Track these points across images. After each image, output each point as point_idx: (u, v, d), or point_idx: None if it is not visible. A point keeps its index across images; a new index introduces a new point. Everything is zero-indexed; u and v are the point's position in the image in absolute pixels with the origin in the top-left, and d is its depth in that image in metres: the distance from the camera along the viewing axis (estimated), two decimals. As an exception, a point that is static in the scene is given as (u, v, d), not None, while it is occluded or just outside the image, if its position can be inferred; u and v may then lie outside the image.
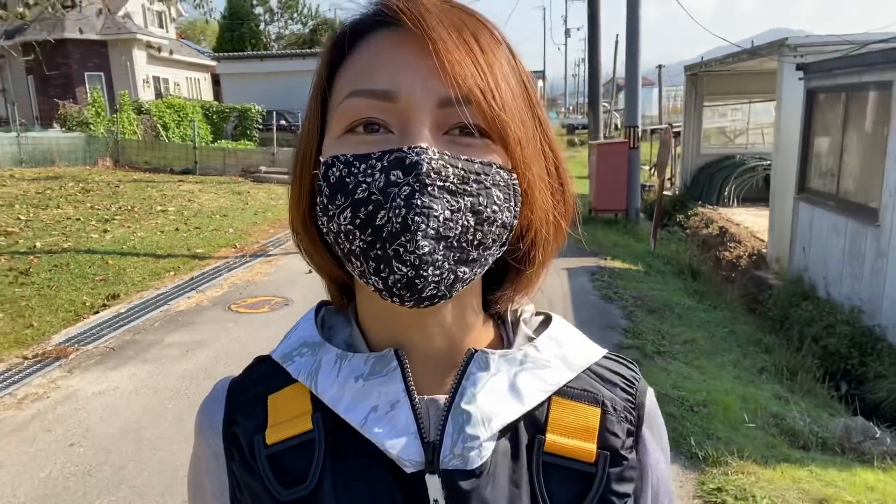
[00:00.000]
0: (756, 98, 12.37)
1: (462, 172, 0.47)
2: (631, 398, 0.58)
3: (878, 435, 3.23)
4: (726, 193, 11.91)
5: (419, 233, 0.45)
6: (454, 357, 0.54)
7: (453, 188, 0.46)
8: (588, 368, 0.57)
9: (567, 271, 6.64)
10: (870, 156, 5.81)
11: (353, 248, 0.48)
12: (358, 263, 0.48)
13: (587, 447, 0.53)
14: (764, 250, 8.41)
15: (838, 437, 3.24)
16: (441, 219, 0.45)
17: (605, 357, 0.59)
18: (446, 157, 0.46)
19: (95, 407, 3.80)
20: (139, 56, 24.18)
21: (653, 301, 5.71)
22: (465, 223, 0.47)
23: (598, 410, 0.55)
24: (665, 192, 14.17)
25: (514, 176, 0.50)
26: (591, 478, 0.53)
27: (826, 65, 6.50)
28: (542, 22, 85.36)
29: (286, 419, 0.54)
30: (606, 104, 26.74)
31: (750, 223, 10.02)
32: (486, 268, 0.51)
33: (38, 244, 7.43)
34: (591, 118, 14.80)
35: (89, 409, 3.77)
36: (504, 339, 0.60)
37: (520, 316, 0.60)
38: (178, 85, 26.87)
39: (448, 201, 0.46)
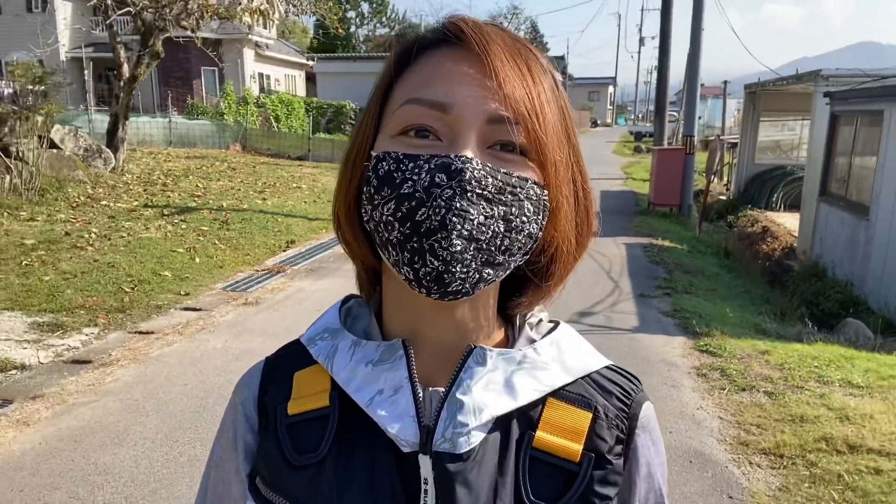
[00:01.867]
0: (802, 117, 13.95)
1: (500, 184, 0.52)
2: (625, 408, 0.61)
3: (815, 331, 5.18)
4: (775, 199, 13.53)
5: (454, 232, 0.50)
6: (460, 352, 0.58)
7: (490, 196, 0.51)
8: (588, 376, 0.61)
9: (626, 245, 8.67)
10: (867, 166, 7.60)
11: (392, 237, 0.53)
12: (394, 253, 0.53)
13: (573, 447, 0.57)
14: (794, 244, 10.16)
15: (793, 334, 5.21)
16: (475, 222, 0.50)
17: (607, 368, 0.63)
18: (488, 168, 0.51)
19: (319, 296, 6.13)
20: (248, 54, 27.30)
21: (690, 267, 7.70)
22: (496, 229, 0.52)
23: (590, 415, 0.59)
24: (721, 197, 15.87)
25: (546, 192, 0.55)
26: (574, 476, 0.57)
27: (844, 94, 8.29)
28: (616, 29, 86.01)
29: (307, 394, 0.61)
30: (675, 113, 28.02)
31: (790, 225, 11.68)
32: (507, 273, 0.56)
33: (223, 204, 9.99)
34: (657, 126, 16.66)
35: (316, 296, 6.10)
36: (510, 340, 0.64)
37: (527, 319, 0.65)
38: (277, 81, 29.97)
39: (484, 207, 0.51)
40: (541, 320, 0.66)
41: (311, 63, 30.93)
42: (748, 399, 3.93)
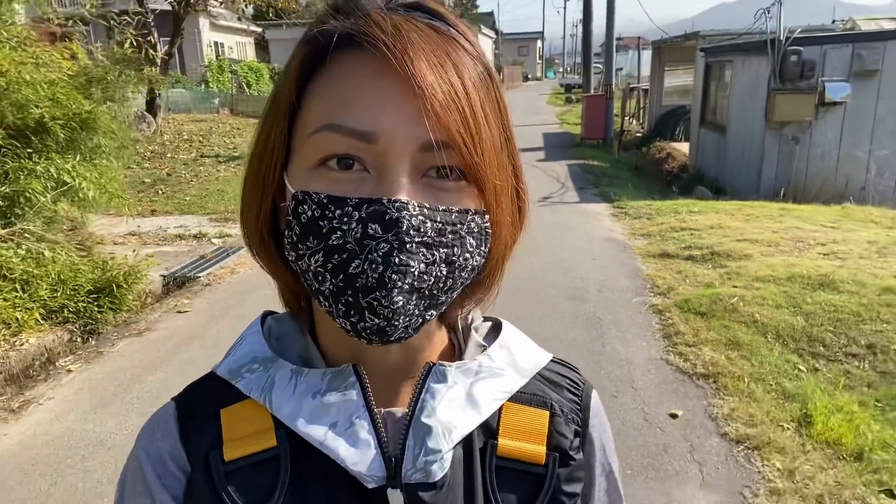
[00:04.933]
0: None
1: (440, 225, 0.47)
2: (577, 399, 0.62)
3: (678, 194, 8.90)
4: (677, 133, 17.42)
5: (395, 290, 0.46)
6: (410, 370, 0.57)
7: (430, 241, 0.47)
8: (537, 373, 0.61)
9: (567, 164, 12.30)
10: (725, 100, 11.39)
11: (323, 289, 0.48)
12: (327, 304, 0.49)
13: (537, 449, 0.57)
14: (687, 162, 14.04)
15: (667, 198, 8.90)
16: (416, 273, 0.47)
17: (552, 361, 0.64)
18: (426, 210, 0.47)
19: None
20: (204, 24, 29.19)
21: (611, 175, 11.38)
22: (438, 273, 0.48)
23: (547, 413, 0.59)
24: (638, 134, 19.70)
25: (487, 218, 0.51)
26: (542, 479, 0.57)
27: (711, 49, 12.03)
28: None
29: (245, 435, 0.54)
30: (600, 65, 31.65)
31: (685, 150, 15.60)
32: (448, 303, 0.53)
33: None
34: (585, 77, 20.27)
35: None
36: (455, 347, 0.62)
37: (470, 324, 0.63)
38: (231, 49, 31.92)
39: (424, 255, 0.47)
40: (480, 321, 0.65)
41: (259, 30, 32.93)
42: (637, 221, 7.58)
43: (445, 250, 0.48)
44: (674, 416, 3.32)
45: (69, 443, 3.26)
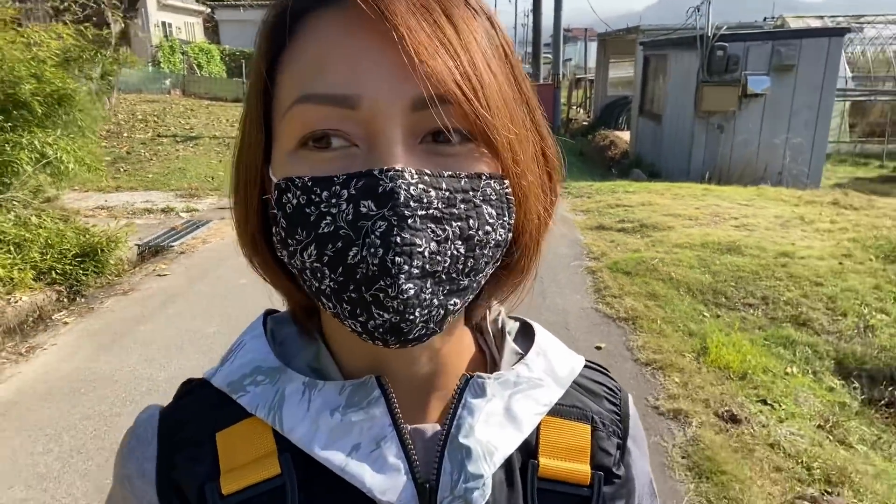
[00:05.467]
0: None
1: (447, 193, 0.41)
2: (616, 409, 0.57)
3: (616, 176, 9.72)
4: (621, 121, 18.40)
5: (402, 275, 0.39)
6: (437, 380, 0.51)
7: (438, 214, 0.40)
8: (573, 381, 0.56)
9: (516, 149, 13.06)
10: (661, 90, 12.29)
11: (323, 287, 0.42)
12: (330, 305, 0.43)
13: (581, 469, 0.52)
14: (628, 149, 14.98)
15: (607, 179, 9.71)
16: (426, 254, 0.40)
17: (585, 366, 0.58)
18: (427, 177, 0.40)
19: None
20: (151, 3, 28.70)
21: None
22: (455, 252, 0.41)
23: (589, 427, 0.54)
24: (584, 123, 20.60)
25: (507, 184, 0.44)
26: (587, 501, 0.52)
27: (649, 43, 12.92)
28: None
29: (245, 462, 0.47)
30: (550, 55, 32.58)
31: (627, 138, 16.58)
32: (477, 291, 0.46)
33: (215, 134, 13.22)
34: (534, 67, 21.03)
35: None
36: (487, 354, 0.57)
37: (502, 327, 0.57)
38: (179, 29, 31.42)
39: (433, 231, 0.40)
40: (502, 320, 0.59)
41: (207, 10, 32.53)
42: (578, 200, 8.34)
43: (459, 223, 0.41)
44: (598, 348, 4.04)
45: (80, 377, 3.74)
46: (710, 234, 6.21)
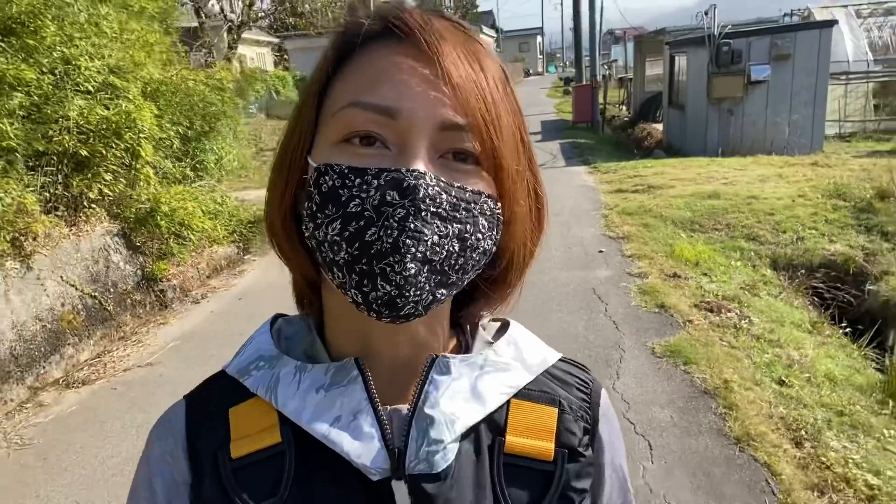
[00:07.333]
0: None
1: (454, 200, 0.50)
2: (586, 397, 0.64)
3: (639, 156, 11.74)
4: (658, 115, 20.24)
5: (408, 255, 0.48)
6: (416, 365, 0.58)
7: (444, 214, 0.50)
8: (545, 371, 0.62)
9: (559, 143, 15.21)
10: (683, 84, 14.23)
11: (338, 258, 0.51)
12: (340, 274, 0.51)
13: (546, 446, 0.58)
14: (661, 138, 16.89)
15: (631, 160, 11.76)
16: (429, 243, 0.49)
17: (560, 360, 0.65)
18: (442, 183, 0.50)
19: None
20: (225, 37, 32.37)
21: (594, 149, 14.28)
22: (451, 248, 0.50)
23: (556, 410, 0.60)
24: (625, 119, 22.48)
25: (500, 206, 0.54)
26: (551, 476, 0.58)
27: (672, 43, 14.89)
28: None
29: (251, 433, 0.57)
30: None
31: (661, 128, 18.46)
32: (460, 289, 0.56)
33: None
34: (576, 71, 23.10)
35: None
36: (463, 346, 0.65)
37: (478, 322, 0.65)
38: (252, 59, 35.05)
39: (438, 226, 0.49)
40: (488, 320, 0.67)
41: (276, 41, 36.08)
42: (605, 175, 10.46)
43: (458, 226, 0.51)
44: (601, 251, 6.24)
45: (278, 285, 6.20)
46: (701, 188, 8.25)
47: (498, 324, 0.68)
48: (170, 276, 6.28)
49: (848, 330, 5.17)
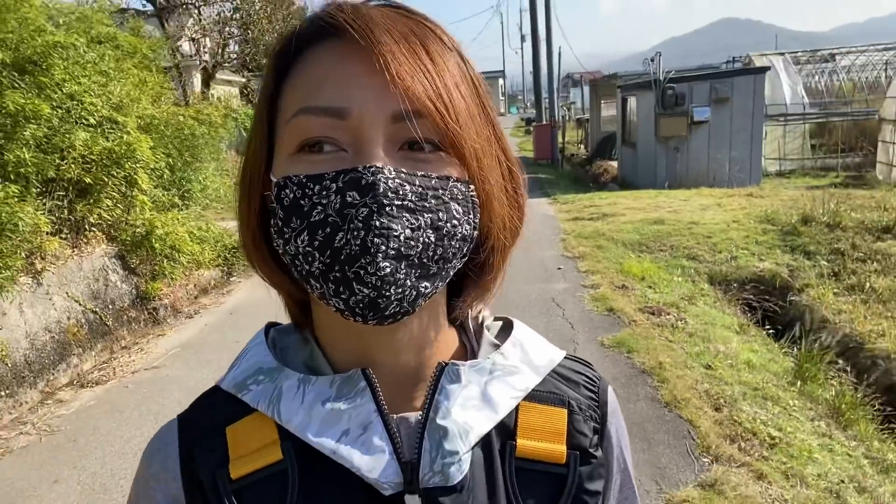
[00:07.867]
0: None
1: (420, 189, 0.49)
2: (594, 396, 0.63)
3: (594, 189, 12.67)
4: (613, 153, 21.46)
5: (379, 254, 0.47)
6: (421, 372, 0.57)
7: (412, 206, 0.48)
8: (552, 370, 0.61)
9: (522, 178, 16.10)
10: (634, 124, 15.36)
11: (312, 269, 0.49)
12: (317, 285, 0.50)
13: (557, 448, 0.57)
14: (616, 173, 17.99)
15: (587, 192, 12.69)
16: (402, 238, 0.48)
17: (565, 358, 0.64)
18: (403, 174, 0.49)
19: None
20: (196, 77, 32.98)
21: (554, 183, 15.23)
22: (426, 240, 0.49)
23: (565, 411, 0.59)
24: (583, 156, 23.69)
25: (472, 188, 0.52)
26: (564, 479, 0.57)
27: (624, 86, 16.09)
28: (500, 27, 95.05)
29: (251, 451, 0.54)
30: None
31: (616, 165, 19.62)
32: (448, 280, 0.54)
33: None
34: (537, 111, 24.35)
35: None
36: (468, 348, 0.63)
37: (482, 323, 0.64)
38: (220, 98, 35.62)
39: (408, 219, 0.48)
40: (491, 320, 0.67)
41: (243, 80, 36.81)
42: (564, 205, 11.32)
43: (430, 215, 0.49)
44: (559, 268, 7.00)
45: (268, 300, 6.75)
46: (648, 215, 9.13)
47: (500, 323, 0.68)
48: (162, 295, 6.77)
49: (772, 332, 5.97)
